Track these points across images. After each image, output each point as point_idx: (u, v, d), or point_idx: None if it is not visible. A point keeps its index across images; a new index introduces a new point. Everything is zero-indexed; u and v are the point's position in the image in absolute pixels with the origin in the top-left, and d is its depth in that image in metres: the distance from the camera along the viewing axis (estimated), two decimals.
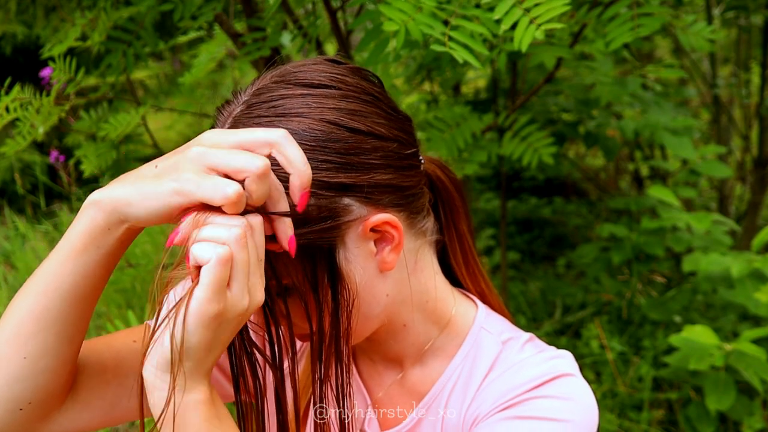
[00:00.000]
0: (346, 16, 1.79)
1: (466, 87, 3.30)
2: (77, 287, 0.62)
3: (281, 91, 0.67)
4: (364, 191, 0.67)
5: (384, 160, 0.68)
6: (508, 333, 0.82)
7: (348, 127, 0.66)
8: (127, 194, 0.59)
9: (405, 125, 0.73)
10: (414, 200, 0.73)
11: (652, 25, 1.19)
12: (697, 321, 2.37)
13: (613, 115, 2.63)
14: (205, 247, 0.56)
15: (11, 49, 4.52)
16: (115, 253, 0.62)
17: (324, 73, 0.69)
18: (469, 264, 0.87)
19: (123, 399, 0.73)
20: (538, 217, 3.94)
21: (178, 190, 0.57)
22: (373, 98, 0.70)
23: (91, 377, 0.71)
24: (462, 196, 0.87)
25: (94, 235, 0.60)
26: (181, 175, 0.57)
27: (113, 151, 1.81)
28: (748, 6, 2.83)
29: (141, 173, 0.60)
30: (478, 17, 1.03)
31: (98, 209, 0.60)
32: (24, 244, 4.12)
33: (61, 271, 0.61)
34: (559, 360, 0.77)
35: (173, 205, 0.57)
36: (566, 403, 0.72)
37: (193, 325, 0.57)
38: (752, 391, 2.11)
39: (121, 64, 1.54)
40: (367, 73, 0.74)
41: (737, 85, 3.62)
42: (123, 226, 0.60)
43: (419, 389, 0.82)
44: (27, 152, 4.86)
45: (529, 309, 2.93)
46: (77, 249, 0.60)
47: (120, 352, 0.74)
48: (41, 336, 0.62)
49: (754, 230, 2.84)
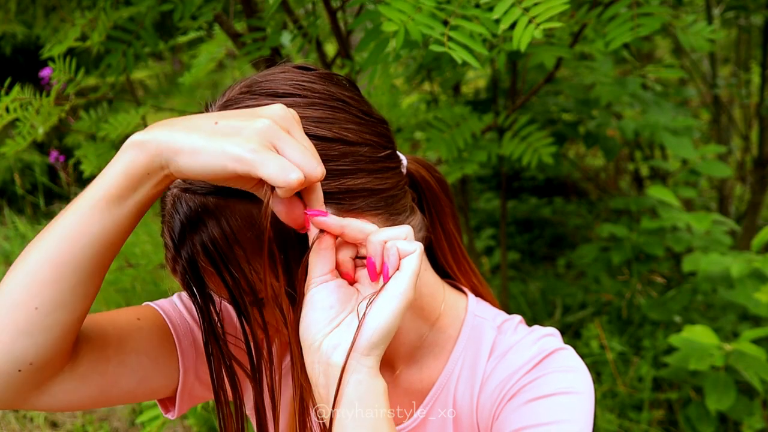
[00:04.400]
0: (346, 16, 1.79)
1: (466, 87, 3.30)
2: (104, 236, 0.58)
3: (247, 102, 0.67)
4: (335, 197, 0.67)
5: (354, 165, 0.68)
6: (501, 317, 0.85)
7: (313, 135, 0.65)
8: (178, 141, 0.56)
9: (378, 128, 0.73)
10: (394, 201, 0.73)
11: (651, 25, 1.19)
12: (697, 321, 2.37)
13: (613, 115, 2.63)
14: (406, 243, 0.63)
15: (11, 49, 4.53)
16: (147, 203, 0.60)
17: (290, 81, 0.68)
18: (459, 261, 0.88)
19: (122, 378, 0.72)
20: (538, 217, 3.94)
21: (241, 157, 0.55)
22: (342, 103, 0.69)
23: (93, 350, 0.69)
24: (448, 195, 0.87)
25: (132, 179, 0.57)
26: (247, 144, 0.55)
27: (113, 151, 1.81)
28: (748, 6, 2.83)
29: (197, 123, 0.57)
30: (477, 17, 1.03)
31: (141, 150, 0.56)
32: (24, 244, 4.12)
33: (90, 216, 0.57)
34: (549, 338, 0.80)
35: (230, 170, 0.55)
36: (570, 374, 0.75)
37: (397, 310, 0.61)
38: (752, 391, 2.11)
39: (121, 64, 1.54)
40: (339, 78, 0.73)
41: (737, 85, 3.62)
42: (163, 172, 0.57)
43: (418, 388, 0.83)
44: (27, 152, 4.86)
45: (529, 309, 2.93)
46: (112, 194, 0.57)
47: (124, 329, 0.73)
48: (58, 285, 0.58)
49: (754, 230, 2.84)
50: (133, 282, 3.14)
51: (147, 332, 0.75)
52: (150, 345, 0.74)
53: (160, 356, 0.75)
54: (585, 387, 0.75)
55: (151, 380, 0.75)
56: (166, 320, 0.77)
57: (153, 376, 0.75)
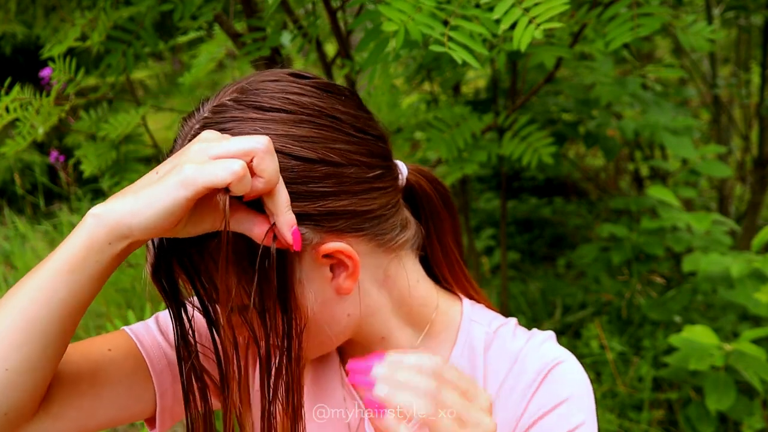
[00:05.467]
0: (346, 16, 1.79)
1: (466, 87, 3.30)
2: (70, 300, 0.60)
3: (233, 112, 0.66)
4: (313, 219, 0.65)
5: (338, 186, 0.66)
6: (497, 320, 0.83)
7: (295, 155, 0.64)
8: (130, 204, 0.58)
9: (372, 146, 0.70)
10: (380, 222, 0.71)
11: (651, 25, 1.19)
12: (697, 321, 2.37)
13: (613, 115, 2.63)
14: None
15: (11, 49, 4.53)
16: (112, 267, 0.61)
17: (280, 93, 0.67)
18: (456, 274, 0.86)
19: (99, 410, 0.71)
20: (538, 217, 3.95)
21: (182, 181, 0.56)
22: (331, 120, 0.67)
23: (66, 388, 0.68)
24: (449, 209, 0.85)
25: (93, 250, 0.59)
26: (183, 168, 0.57)
27: (113, 151, 1.81)
28: (748, 6, 2.83)
29: (142, 182, 0.60)
30: (477, 17, 1.03)
31: (100, 223, 0.58)
32: (24, 244, 4.13)
33: (54, 283, 0.59)
34: (546, 344, 0.79)
35: (179, 201, 0.56)
36: (570, 405, 0.75)
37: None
38: (752, 391, 2.11)
39: (121, 64, 1.53)
40: (337, 89, 0.71)
41: (737, 85, 3.62)
42: (126, 241, 0.59)
43: None
44: (27, 152, 4.87)
45: (529, 309, 2.93)
46: (74, 262, 0.59)
47: (96, 362, 0.72)
48: (27, 348, 0.60)
49: (754, 230, 2.84)
50: (133, 282, 3.14)
51: (120, 362, 0.74)
52: (123, 374, 0.74)
53: (135, 384, 0.75)
54: (585, 412, 0.75)
55: (128, 407, 0.75)
56: (138, 346, 0.77)
57: (130, 403, 0.75)
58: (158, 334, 0.79)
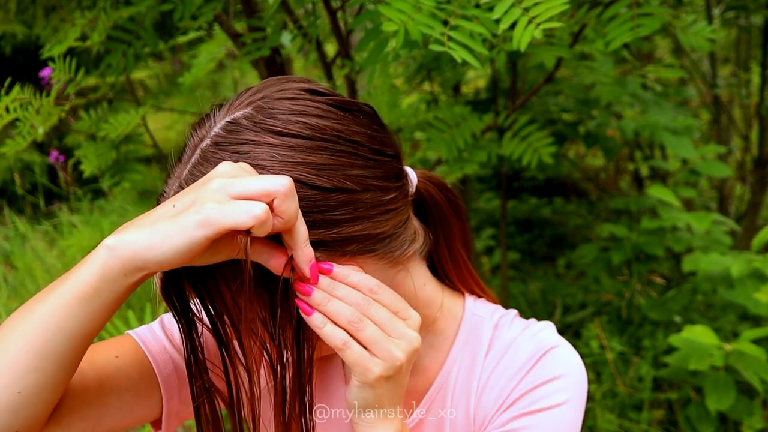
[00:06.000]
0: (346, 16, 1.79)
1: (466, 87, 3.30)
2: (82, 328, 0.60)
3: (248, 134, 0.64)
4: (328, 245, 0.66)
5: (354, 213, 0.66)
6: (498, 313, 0.85)
7: (312, 185, 0.64)
8: (146, 238, 0.57)
9: (387, 167, 0.70)
10: (391, 241, 0.71)
11: (651, 25, 1.19)
12: (697, 321, 2.37)
13: (613, 115, 2.63)
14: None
15: (11, 49, 4.53)
16: (124, 297, 0.61)
17: (297, 116, 0.65)
18: (464, 278, 0.87)
19: (106, 417, 0.72)
20: (538, 217, 3.95)
21: (202, 221, 0.56)
22: (349, 144, 0.66)
23: (73, 399, 0.68)
24: (459, 216, 0.85)
25: (106, 280, 0.58)
26: (203, 207, 0.56)
27: (113, 151, 1.81)
28: (748, 6, 2.83)
29: (158, 214, 0.59)
30: (477, 17, 1.03)
31: (114, 255, 0.58)
32: (24, 244, 4.13)
33: (67, 312, 0.59)
34: (543, 332, 0.81)
35: (198, 239, 0.56)
36: (561, 381, 0.76)
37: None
38: (752, 391, 2.11)
39: (121, 64, 1.53)
40: (355, 105, 0.70)
41: (737, 85, 3.62)
42: (140, 273, 0.59)
43: (417, 388, 0.83)
44: (27, 152, 4.87)
45: (529, 309, 2.93)
46: (87, 293, 0.59)
47: (103, 370, 0.72)
48: (38, 373, 0.60)
49: (754, 230, 2.84)
50: None
51: (126, 369, 0.74)
52: (130, 381, 0.74)
53: (142, 389, 0.75)
54: (574, 390, 0.76)
55: (135, 412, 0.75)
56: (145, 352, 0.77)
57: (137, 408, 0.75)
58: (164, 339, 0.79)
